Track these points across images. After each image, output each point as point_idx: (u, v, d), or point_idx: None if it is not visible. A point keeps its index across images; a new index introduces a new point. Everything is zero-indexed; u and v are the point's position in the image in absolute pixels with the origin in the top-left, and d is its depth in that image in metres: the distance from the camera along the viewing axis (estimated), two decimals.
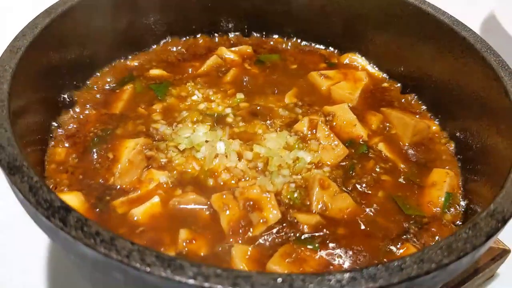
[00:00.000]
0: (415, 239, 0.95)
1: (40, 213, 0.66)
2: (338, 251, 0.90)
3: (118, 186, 0.97)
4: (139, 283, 0.63)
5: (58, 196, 0.68)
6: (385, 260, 0.89)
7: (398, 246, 0.93)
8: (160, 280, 0.61)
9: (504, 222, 0.72)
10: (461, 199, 1.03)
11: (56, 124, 1.07)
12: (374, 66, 1.33)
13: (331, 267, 0.87)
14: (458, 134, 1.13)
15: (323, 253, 0.90)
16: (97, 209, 0.93)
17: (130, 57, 1.28)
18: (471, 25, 2.14)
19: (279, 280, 0.61)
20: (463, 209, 1.02)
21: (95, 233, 0.64)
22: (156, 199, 0.95)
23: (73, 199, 0.92)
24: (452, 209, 1.01)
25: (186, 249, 0.88)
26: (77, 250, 0.65)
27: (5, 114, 0.80)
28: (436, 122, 1.19)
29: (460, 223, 0.99)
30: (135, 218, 0.92)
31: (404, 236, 0.95)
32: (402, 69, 1.28)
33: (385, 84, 1.30)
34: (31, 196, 0.68)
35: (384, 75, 1.32)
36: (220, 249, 0.88)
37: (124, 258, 0.62)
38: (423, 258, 0.65)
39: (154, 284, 0.62)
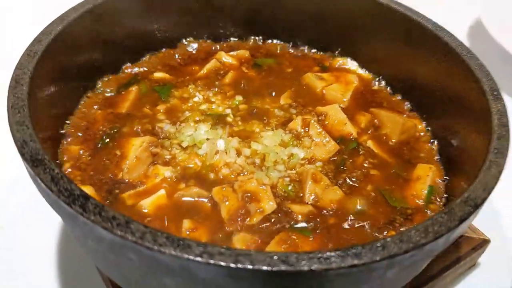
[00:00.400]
0: (400, 228, 1.03)
1: (62, 200, 0.74)
2: (328, 237, 0.99)
3: (127, 180, 1.05)
4: (152, 262, 0.71)
5: (77, 185, 0.77)
6: None
7: (384, 234, 1.01)
8: (170, 258, 0.69)
9: (476, 207, 0.80)
10: (443, 192, 1.12)
11: (68, 123, 1.15)
12: (365, 70, 1.42)
13: None
14: (441, 132, 1.21)
15: (315, 239, 0.98)
16: (108, 201, 1.01)
17: (135, 61, 1.36)
18: (458, 31, 2.23)
19: (275, 257, 0.69)
20: (444, 201, 1.10)
21: (112, 217, 0.72)
22: (161, 192, 1.03)
23: None
24: (434, 201, 1.10)
25: (189, 237, 0.96)
26: (96, 233, 0.73)
27: (26, 112, 0.88)
28: (421, 121, 1.28)
29: None
30: (143, 210, 1.00)
31: (390, 226, 1.04)
32: (390, 72, 1.36)
33: (375, 87, 1.38)
34: (53, 186, 0.76)
35: (374, 77, 1.40)
36: (220, 236, 0.96)
37: (138, 239, 0.69)
38: (402, 239, 0.73)
39: (165, 262, 0.70)
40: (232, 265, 0.67)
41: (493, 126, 0.96)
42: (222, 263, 0.68)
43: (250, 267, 0.67)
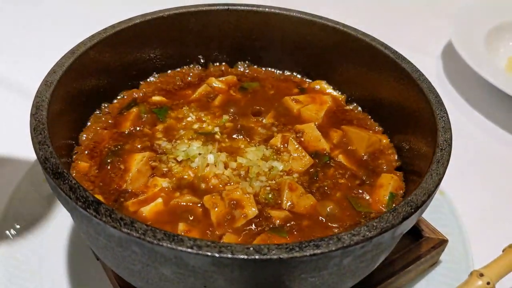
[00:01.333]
0: None
1: (79, 206, 0.91)
2: (302, 237, 1.16)
3: (130, 190, 1.22)
4: (152, 253, 0.88)
5: (91, 193, 0.94)
6: None
7: None
8: (167, 250, 0.86)
9: (417, 208, 0.97)
10: (402, 198, 1.29)
11: (77, 143, 1.33)
12: (338, 91, 1.60)
13: None
14: (402, 145, 1.39)
15: (290, 239, 1.15)
16: (114, 208, 1.18)
17: (135, 86, 1.54)
18: (431, 52, 2.45)
19: (251, 248, 0.86)
20: None
21: (120, 219, 0.89)
22: (159, 200, 1.19)
23: None
24: (394, 206, 1.27)
25: None
26: (107, 231, 0.90)
27: (46, 134, 1.05)
28: (386, 136, 1.46)
29: None
30: (144, 215, 1.17)
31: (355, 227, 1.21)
32: (359, 93, 1.54)
33: (346, 107, 1.57)
34: (72, 194, 0.94)
35: (346, 98, 1.59)
36: (210, 237, 1.14)
37: (141, 235, 0.87)
38: (354, 233, 0.91)
39: (163, 253, 0.87)
40: (216, 255, 0.85)
41: (438, 141, 1.14)
42: (208, 253, 0.85)
43: (230, 256, 0.85)
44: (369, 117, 1.53)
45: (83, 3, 2.72)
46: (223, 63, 1.68)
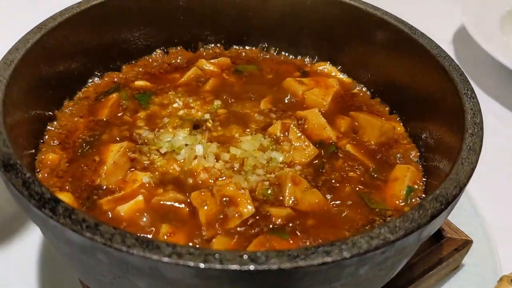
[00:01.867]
0: None
1: (32, 204, 0.74)
2: (307, 239, 0.99)
3: (104, 186, 1.05)
4: (122, 264, 0.71)
5: (48, 189, 0.77)
6: None
7: None
8: (139, 259, 0.69)
9: (447, 204, 0.80)
10: (422, 192, 1.12)
11: (46, 131, 1.16)
12: (344, 74, 1.43)
13: None
14: (419, 133, 1.22)
15: (294, 242, 0.98)
16: (85, 207, 1.01)
17: (115, 69, 1.37)
18: (443, 37, 2.26)
19: (245, 256, 0.69)
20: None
21: (81, 220, 0.72)
22: (139, 197, 1.03)
23: (63, 199, 1.00)
24: (413, 201, 1.10)
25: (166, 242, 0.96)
26: (66, 236, 0.73)
27: (0, 119, 0.88)
28: (400, 123, 1.29)
29: None
30: (121, 214, 1.00)
31: (369, 227, 1.04)
32: (369, 75, 1.37)
33: (355, 90, 1.39)
34: (24, 190, 0.76)
35: (354, 81, 1.41)
36: (198, 240, 0.96)
37: (107, 240, 0.69)
38: (373, 236, 0.73)
39: (134, 263, 0.70)
40: (201, 265, 0.67)
41: (466, 125, 0.96)
42: (191, 263, 0.68)
43: (218, 266, 0.68)
44: (381, 102, 1.35)
45: None
46: (216, 45, 1.50)
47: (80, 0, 1.24)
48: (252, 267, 0.67)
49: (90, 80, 1.32)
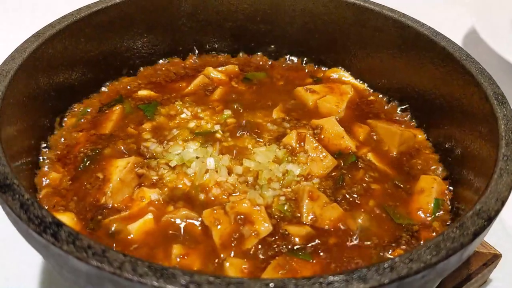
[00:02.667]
0: (407, 246, 0.96)
1: (32, 229, 0.67)
2: (331, 260, 0.91)
3: (110, 205, 0.97)
4: None
5: (49, 212, 0.69)
6: None
7: (390, 253, 0.94)
8: None
9: (490, 220, 0.73)
10: (449, 205, 1.05)
11: (45, 146, 1.08)
12: (359, 80, 1.36)
13: None
14: (442, 141, 1.15)
15: (316, 262, 0.90)
16: (89, 229, 0.93)
17: (118, 79, 1.30)
18: (453, 40, 2.16)
19: (271, 285, 0.61)
20: (452, 215, 1.03)
21: (87, 246, 0.64)
22: (148, 216, 0.95)
23: (65, 221, 0.93)
24: (441, 215, 1.03)
25: (180, 264, 0.88)
26: (70, 264, 0.65)
27: None
28: (421, 131, 1.21)
29: None
30: (128, 236, 0.92)
31: (396, 244, 0.96)
32: (385, 81, 1.30)
33: (371, 97, 1.32)
34: (23, 213, 0.69)
35: (369, 87, 1.34)
36: (215, 262, 0.88)
37: (117, 269, 0.62)
38: (412, 258, 0.66)
39: None
40: None
41: (500, 132, 0.89)
42: None
43: None
44: (399, 109, 1.28)
45: None
46: (223, 52, 1.43)
47: (81, 7, 1.16)
48: None
49: (91, 91, 1.24)
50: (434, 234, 0.98)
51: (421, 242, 0.97)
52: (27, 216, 0.68)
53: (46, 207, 0.96)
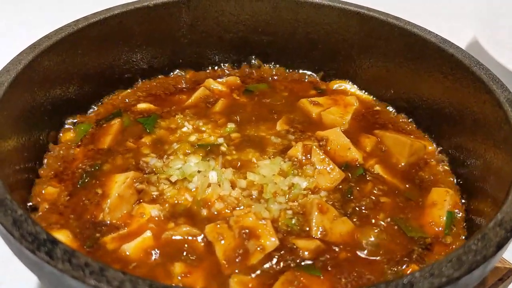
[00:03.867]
0: (420, 260, 0.91)
1: (25, 246, 0.62)
2: (341, 275, 0.86)
3: (108, 222, 0.93)
4: None
5: (44, 229, 0.65)
6: None
7: (404, 267, 0.89)
8: None
9: None
10: (463, 218, 1.00)
11: (41, 162, 1.04)
12: (363, 90, 1.32)
13: None
14: (453, 151, 1.11)
15: (326, 278, 0.85)
16: (86, 247, 0.88)
17: (116, 93, 1.26)
18: None
19: None
20: (466, 227, 0.99)
21: (84, 265, 0.60)
22: (148, 233, 0.91)
23: (61, 239, 0.88)
24: (454, 228, 0.98)
25: (182, 283, 0.83)
26: (65, 284, 0.61)
27: None
28: (431, 141, 1.18)
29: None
30: (127, 254, 0.87)
31: (408, 258, 0.92)
32: (392, 91, 1.27)
33: (377, 108, 1.28)
34: (15, 230, 0.64)
35: (375, 98, 1.31)
36: (219, 280, 0.84)
37: None
38: (433, 273, 0.61)
39: None
40: None
41: None
42: None
43: None
44: (407, 119, 1.24)
45: None
46: (224, 63, 1.40)
47: (78, 18, 1.13)
48: None
49: (89, 105, 1.21)
50: (449, 247, 0.94)
51: (435, 256, 0.93)
52: (20, 233, 0.64)
53: (44, 225, 0.92)
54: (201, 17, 1.31)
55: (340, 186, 1.04)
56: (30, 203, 0.97)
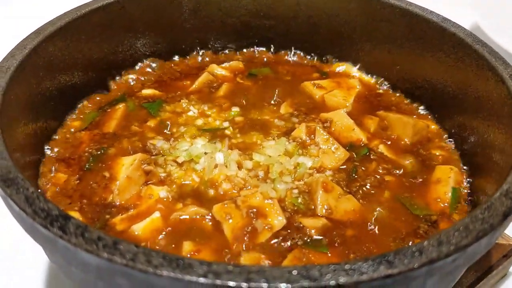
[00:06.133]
0: (426, 237, 0.92)
1: (38, 222, 0.63)
2: (348, 251, 0.87)
3: (117, 203, 0.94)
4: (147, 287, 0.60)
5: (56, 205, 0.66)
6: None
7: (410, 244, 0.90)
8: (169, 281, 0.57)
9: None
10: (467, 194, 1.01)
11: (48, 146, 1.05)
12: (367, 73, 1.33)
13: None
14: (456, 130, 1.12)
15: (333, 255, 0.87)
16: (96, 228, 0.89)
17: (120, 78, 1.27)
18: None
19: (294, 272, 0.58)
20: (470, 204, 1.00)
21: (97, 238, 0.61)
22: (156, 214, 0.92)
23: None
24: (459, 205, 0.99)
25: None
26: (79, 258, 0.61)
27: None
28: (433, 121, 1.18)
29: None
30: (136, 234, 0.88)
31: (414, 235, 0.93)
32: (395, 72, 1.27)
33: (380, 90, 1.29)
34: (28, 207, 0.65)
35: (378, 80, 1.31)
36: (228, 257, 0.85)
37: (129, 261, 0.58)
38: (442, 241, 0.62)
39: (162, 286, 0.59)
40: (244, 285, 0.56)
41: None
42: (232, 283, 0.56)
43: (265, 285, 0.56)
44: (410, 100, 1.25)
45: None
46: (226, 48, 1.40)
47: (80, 4, 1.13)
48: (306, 284, 0.56)
49: (93, 91, 1.21)
50: (453, 223, 0.95)
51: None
52: (32, 209, 0.65)
53: None
54: (203, 2, 1.31)
55: (345, 166, 1.05)
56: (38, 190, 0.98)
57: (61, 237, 0.61)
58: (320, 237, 0.89)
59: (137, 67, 1.30)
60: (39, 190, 0.97)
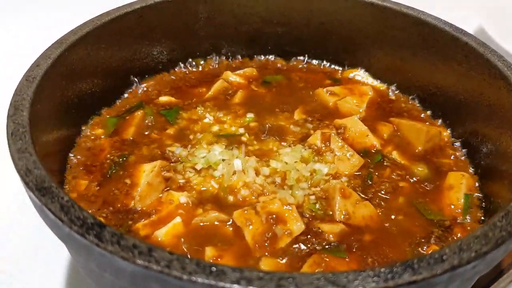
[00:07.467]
0: (439, 242, 0.95)
1: (74, 231, 0.65)
2: (366, 256, 0.90)
3: (139, 209, 0.96)
4: None
5: (90, 213, 0.68)
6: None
7: (425, 248, 0.93)
8: (202, 287, 0.60)
9: None
10: (479, 201, 1.04)
11: (71, 153, 1.08)
12: (379, 80, 1.35)
13: None
14: (468, 137, 1.14)
15: (351, 259, 0.89)
16: None
17: (137, 85, 1.29)
18: None
19: (322, 278, 0.60)
20: (483, 210, 1.02)
21: (132, 246, 0.63)
22: (177, 219, 0.94)
23: None
24: (472, 210, 1.02)
25: None
26: (114, 265, 0.64)
27: (28, 139, 0.80)
28: (445, 128, 1.21)
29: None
30: (159, 239, 0.91)
31: (428, 240, 0.95)
32: (407, 80, 1.30)
33: (392, 96, 1.32)
34: (63, 215, 0.67)
35: (390, 87, 1.34)
36: (249, 263, 0.87)
37: (165, 268, 0.61)
38: (462, 248, 0.65)
39: None
40: None
41: None
42: None
43: None
44: (422, 107, 1.27)
45: None
46: (240, 55, 1.43)
47: (101, 13, 1.16)
48: None
49: (111, 98, 1.24)
50: (467, 228, 0.98)
51: (454, 237, 0.97)
52: (68, 218, 0.67)
53: None
54: (217, 9, 1.33)
55: (360, 172, 1.07)
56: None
57: (97, 245, 0.64)
58: (338, 243, 0.92)
59: (153, 74, 1.32)
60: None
